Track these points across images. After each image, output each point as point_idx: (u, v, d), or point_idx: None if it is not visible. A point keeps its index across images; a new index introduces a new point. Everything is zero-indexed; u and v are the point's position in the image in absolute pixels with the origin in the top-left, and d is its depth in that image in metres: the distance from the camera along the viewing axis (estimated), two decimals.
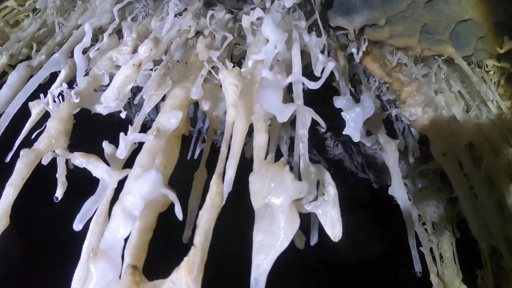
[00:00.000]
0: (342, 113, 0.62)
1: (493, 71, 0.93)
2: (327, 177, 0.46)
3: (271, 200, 0.41)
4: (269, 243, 0.40)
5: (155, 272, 0.44)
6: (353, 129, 0.61)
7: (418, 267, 0.71)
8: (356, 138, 0.60)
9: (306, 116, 0.52)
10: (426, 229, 1.18)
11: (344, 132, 0.61)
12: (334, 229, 0.43)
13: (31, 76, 0.88)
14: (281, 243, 0.40)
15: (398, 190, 0.73)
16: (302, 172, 0.46)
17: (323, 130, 0.53)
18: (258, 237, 0.42)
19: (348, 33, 0.85)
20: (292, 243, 0.45)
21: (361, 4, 0.82)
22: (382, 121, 0.84)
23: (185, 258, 0.39)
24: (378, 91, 0.92)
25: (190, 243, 0.41)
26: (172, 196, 0.46)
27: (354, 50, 0.87)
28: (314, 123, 0.59)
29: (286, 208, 0.40)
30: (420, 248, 1.17)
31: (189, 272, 0.38)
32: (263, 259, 0.40)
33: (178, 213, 0.46)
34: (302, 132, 0.51)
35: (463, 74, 0.93)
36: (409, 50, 0.87)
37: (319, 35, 0.76)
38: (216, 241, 0.43)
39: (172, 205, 0.47)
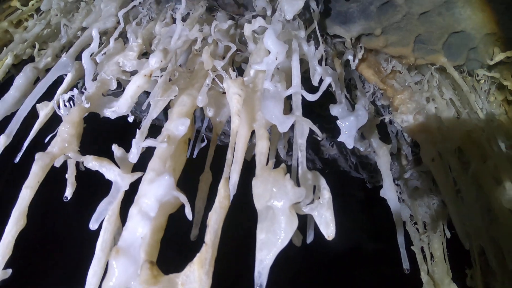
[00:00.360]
0: (338, 122, 0.69)
1: (483, 80, 1.01)
2: (323, 182, 0.53)
3: (273, 203, 0.48)
4: (271, 241, 0.48)
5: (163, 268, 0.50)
6: (347, 136, 0.68)
7: (406, 265, 0.78)
8: (349, 145, 0.67)
9: (305, 126, 0.59)
10: (417, 229, 1.27)
11: (338, 139, 0.68)
12: (328, 229, 0.50)
13: (37, 77, 0.94)
14: (281, 241, 0.47)
15: (389, 192, 0.81)
16: (300, 178, 0.53)
17: (319, 139, 0.60)
18: (261, 235, 0.49)
19: (345, 41, 0.91)
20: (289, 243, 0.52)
21: (358, 14, 0.89)
22: (375, 126, 0.91)
23: (198, 254, 0.46)
24: (372, 97, 0.99)
25: (196, 241, 0.48)
26: (183, 198, 0.52)
27: (350, 57, 0.94)
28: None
29: (286, 211, 0.47)
30: (412, 247, 1.26)
31: (201, 266, 0.45)
32: (265, 255, 0.47)
33: (188, 213, 0.53)
34: (301, 141, 0.58)
35: (454, 82, 1.00)
36: (403, 58, 0.94)
37: (317, 42, 0.83)
38: (222, 239, 0.50)
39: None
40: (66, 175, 0.77)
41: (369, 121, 0.89)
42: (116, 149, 0.69)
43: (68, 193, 0.78)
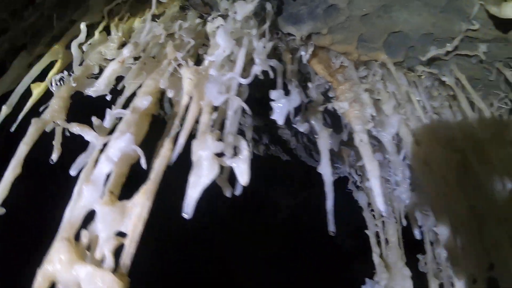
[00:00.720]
0: (271, 103, 0.97)
1: (424, 76, 1.28)
2: (243, 143, 0.81)
3: (200, 153, 0.76)
4: (197, 181, 0.76)
5: None
6: (278, 115, 0.96)
7: (331, 228, 1.04)
8: (280, 121, 0.96)
9: (235, 102, 0.88)
10: (373, 215, 1.54)
11: (271, 117, 0.97)
12: (243, 177, 0.79)
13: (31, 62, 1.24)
14: (203, 181, 0.76)
15: (325, 169, 1.09)
16: (224, 138, 0.82)
17: (249, 114, 0.87)
18: (191, 178, 0.77)
19: (297, 38, 1.20)
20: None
21: (307, 16, 1.17)
22: (320, 112, 1.19)
23: (143, 186, 0.75)
24: (324, 88, 1.27)
25: None
26: (140, 151, 0.81)
27: (303, 53, 1.22)
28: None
29: (209, 158, 0.76)
30: (366, 231, 1.53)
31: (145, 194, 0.74)
32: (192, 191, 0.76)
33: (143, 164, 0.82)
34: (230, 113, 0.87)
35: (399, 78, 1.28)
36: (348, 55, 1.23)
37: (271, 38, 1.12)
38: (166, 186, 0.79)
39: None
40: (53, 142, 1.07)
41: (313, 108, 1.17)
42: (95, 120, 0.98)
43: (54, 157, 1.07)
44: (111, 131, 0.95)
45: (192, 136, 0.88)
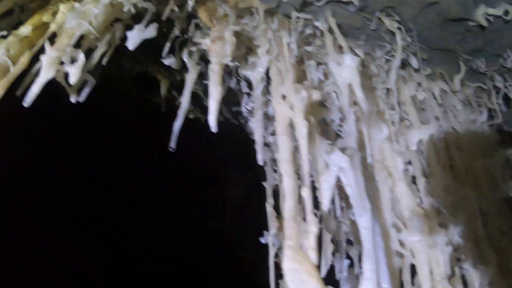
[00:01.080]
0: (127, 32, 1.41)
1: (298, 22, 1.64)
2: (80, 55, 1.26)
3: (41, 58, 1.22)
4: (37, 80, 1.22)
5: None
6: (130, 43, 1.39)
7: (173, 145, 1.43)
8: (130, 47, 1.39)
9: (83, 26, 1.33)
10: (275, 169, 1.88)
11: (126, 43, 1.40)
12: (72, 79, 1.23)
13: None
14: (41, 80, 1.21)
15: (184, 99, 1.50)
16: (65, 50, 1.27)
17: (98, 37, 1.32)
18: (36, 78, 1.24)
19: None
20: None
21: None
22: (195, 52, 1.60)
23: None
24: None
25: None
26: (9, 61, 1.29)
27: (190, 2, 1.64)
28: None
29: (47, 62, 1.22)
30: (263, 182, 1.87)
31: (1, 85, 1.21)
32: (34, 87, 1.22)
33: (11, 71, 1.29)
34: (77, 33, 1.32)
35: (279, 24, 1.65)
36: (227, 2, 1.62)
37: None
38: None
39: None
40: None
41: (188, 47, 1.59)
42: None
43: None
44: None
45: None
